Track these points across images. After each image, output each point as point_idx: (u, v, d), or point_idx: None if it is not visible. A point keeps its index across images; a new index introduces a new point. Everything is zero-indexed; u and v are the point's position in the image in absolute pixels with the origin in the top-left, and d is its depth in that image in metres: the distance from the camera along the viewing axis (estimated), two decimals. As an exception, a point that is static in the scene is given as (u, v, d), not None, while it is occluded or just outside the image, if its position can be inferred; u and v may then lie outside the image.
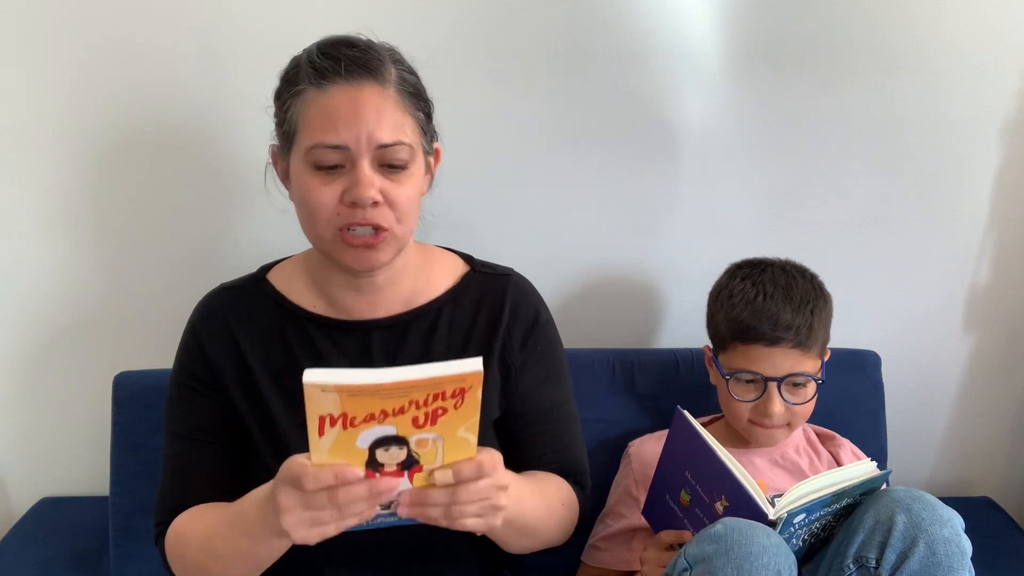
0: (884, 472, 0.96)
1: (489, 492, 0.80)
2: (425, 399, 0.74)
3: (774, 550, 0.85)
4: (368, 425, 0.75)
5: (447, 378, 0.73)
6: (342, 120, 0.89)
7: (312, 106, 0.91)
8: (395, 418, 0.74)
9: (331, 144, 0.89)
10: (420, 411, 0.75)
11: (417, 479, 0.79)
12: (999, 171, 1.41)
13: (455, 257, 1.10)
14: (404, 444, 0.77)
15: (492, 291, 1.07)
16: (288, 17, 1.26)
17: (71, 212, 1.35)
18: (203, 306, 1.05)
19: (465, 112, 1.29)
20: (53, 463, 1.48)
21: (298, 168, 0.93)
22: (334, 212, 0.92)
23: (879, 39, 1.33)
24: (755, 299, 1.13)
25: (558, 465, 1.05)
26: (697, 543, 0.89)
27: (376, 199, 0.90)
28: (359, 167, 0.90)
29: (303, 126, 0.92)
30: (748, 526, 0.87)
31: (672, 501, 1.04)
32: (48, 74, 1.28)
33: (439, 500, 0.79)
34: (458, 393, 0.75)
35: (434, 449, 0.78)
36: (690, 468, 1.00)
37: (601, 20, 1.30)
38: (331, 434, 0.75)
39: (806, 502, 0.91)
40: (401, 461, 0.78)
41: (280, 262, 1.08)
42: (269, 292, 1.04)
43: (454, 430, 0.77)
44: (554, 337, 1.10)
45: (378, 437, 0.76)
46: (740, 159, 1.39)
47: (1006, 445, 1.59)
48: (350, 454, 0.76)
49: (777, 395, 1.12)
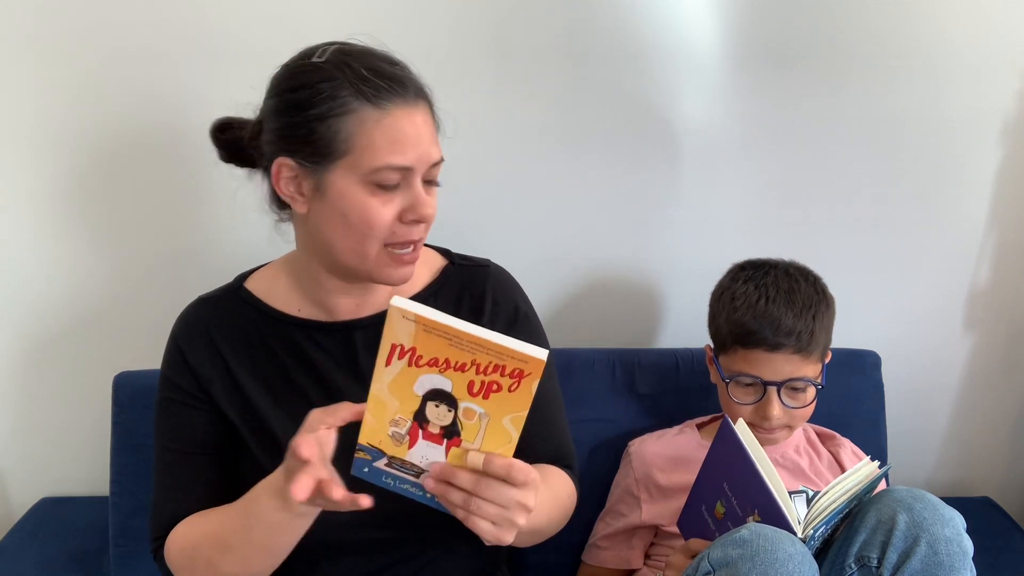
0: (885, 467, 0.96)
1: (510, 503, 0.80)
2: (487, 366, 0.78)
3: (799, 558, 0.85)
4: (431, 370, 0.79)
5: (514, 352, 0.77)
6: (409, 142, 0.91)
7: (375, 127, 0.90)
8: (455, 373, 0.78)
9: (399, 166, 0.90)
10: (478, 377, 0.78)
11: (452, 454, 0.81)
12: (999, 171, 1.41)
13: (432, 252, 1.11)
14: (453, 407, 0.80)
15: (472, 283, 1.07)
16: (287, 20, 1.26)
17: (71, 212, 1.35)
18: (183, 319, 1.05)
19: (465, 112, 1.28)
20: (53, 463, 1.48)
21: (350, 187, 0.91)
22: (389, 230, 0.93)
23: (879, 39, 1.33)
24: (757, 303, 1.13)
25: (550, 451, 1.05)
26: (721, 547, 0.88)
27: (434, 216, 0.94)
28: (414, 185, 0.92)
29: (364, 147, 0.90)
30: (774, 532, 0.87)
31: (707, 512, 1.03)
32: (48, 75, 1.28)
33: (464, 483, 0.80)
34: (516, 374, 0.78)
35: (477, 426, 0.80)
36: (728, 480, 0.99)
37: (601, 20, 1.30)
38: (396, 366, 0.79)
39: (827, 515, 0.91)
40: (446, 425, 0.81)
41: (257, 270, 1.08)
42: (248, 299, 1.04)
43: (501, 414, 0.80)
44: (535, 325, 1.10)
45: (434, 388, 0.79)
46: (740, 159, 1.39)
47: (1006, 445, 1.59)
48: (405, 395, 0.80)
49: (776, 399, 1.12)
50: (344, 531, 0.96)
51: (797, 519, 0.91)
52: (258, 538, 0.89)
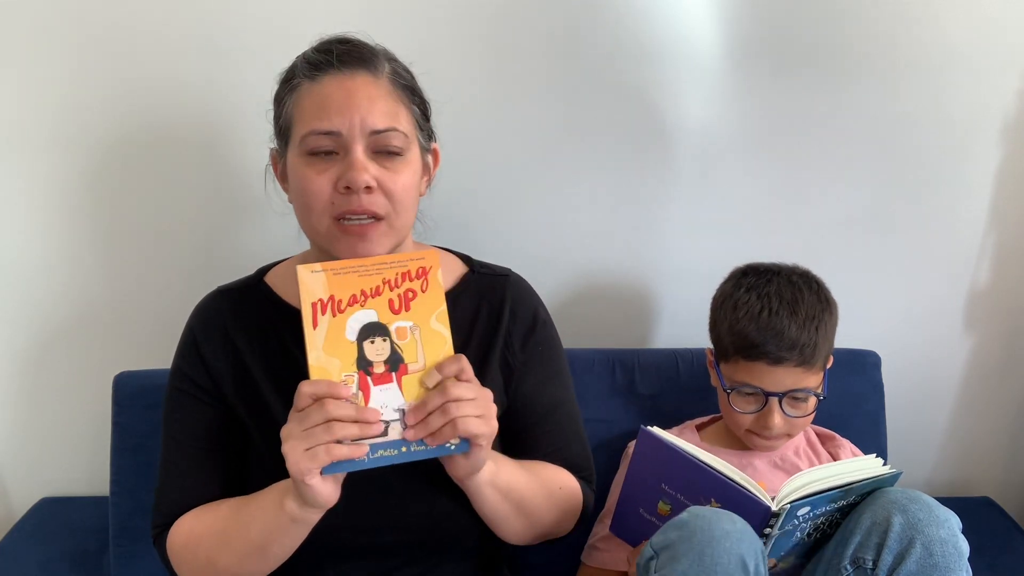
0: (895, 472, 0.96)
1: (478, 392, 0.86)
2: (395, 278, 0.87)
3: (737, 535, 0.86)
4: (352, 310, 0.86)
5: (408, 254, 0.89)
6: (334, 106, 0.90)
7: (306, 97, 0.92)
8: (374, 300, 0.87)
9: (323, 130, 0.90)
10: (394, 293, 0.87)
11: (408, 391, 0.86)
12: (999, 171, 1.41)
13: (454, 258, 1.10)
14: (386, 335, 0.86)
15: (491, 292, 1.07)
16: (289, 16, 1.26)
17: (71, 211, 1.35)
18: (200, 310, 1.05)
19: (464, 112, 1.29)
20: (53, 463, 1.48)
21: (294, 161, 0.94)
22: (328, 201, 0.91)
23: (880, 39, 1.33)
24: (760, 314, 1.11)
25: (563, 463, 1.06)
26: (663, 531, 0.90)
27: (369, 183, 0.90)
28: (352, 152, 0.91)
29: (297, 118, 0.93)
30: (712, 512, 0.88)
31: (647, 513, 1.02)
32: (48, 74, 1.28)
33: (435, 402, 0.84)
34: (421, 273, 0.88)
35: (413, 341, 0.87)
36: (666, 480, 0.98)
37: (601, 20, 1.30)
38: (323, 324, 0.85)
39: (807, 493, 0.90)
40: (387, 357, 0.86)
41: (278, 264, 1.08)
42: (266, 294, 1.04)
43: (427, 317, 0.87)
44: (553, 336, 1.11)
45: (363, 325, 0.86)
46: (740, 159, 1.39)
47: (1006, 445, 1.59)
48: (341, 349, 0.85)
49: (777, 409, 1.12)
50: (349, 535, 0.96)
51: (763, 492, 0.91)
52: (256, 535, 0.90)
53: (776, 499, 0.90)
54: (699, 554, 0.84)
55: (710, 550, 0.84)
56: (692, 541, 0.85)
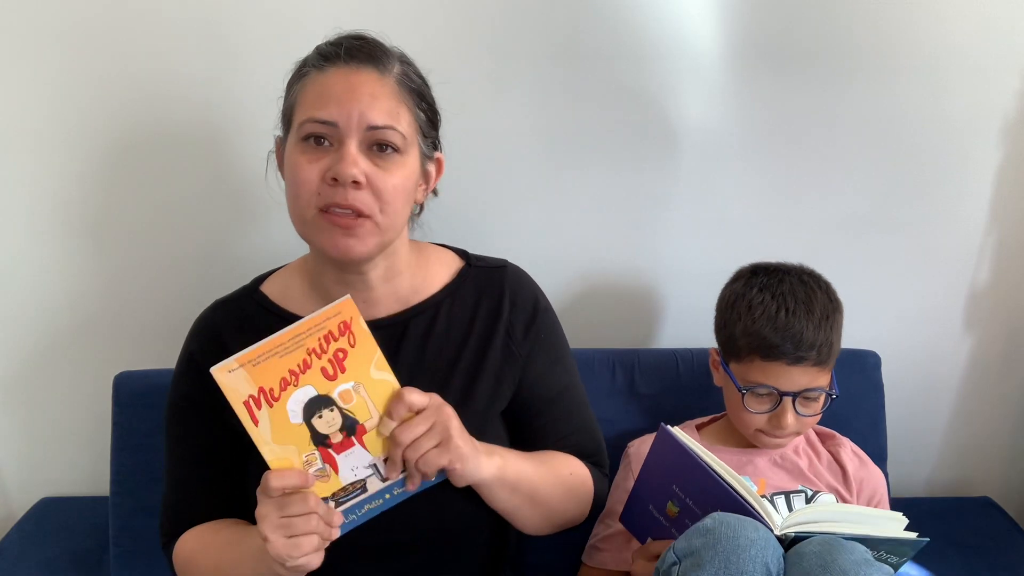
0: (922, 539, 0.90)
1: (432, 419, 0.86)
2: (319, 345, 0.81)
3: (762, 543, 0.85)
4: (287, 393, 0.81)
5: (325, 314, 0.81)
6: (335, 97, 0.91)
7: (311, 85, 0.93)
8: (305, 375, 0.81)
9: (321, 119, 0.90)
10: (323, 359, 0.81)
11: (372, 447, 0.85)
12: (999, 171, 1.41)
13: (450, 253, 1.10)
14: (332, 404, 0.82)
15: (489, 284, 1.07)
16: (291, 16, 1.26)
17: (71, 212, 1.35)
18: (197, 326, 1.05)
19: (464, 112, 1.28)
20: (53, 463, 1.48)
21: (290, 148, 0.94)
22: (315, 191, 0.91)
23: (880, 39, 1.33)
24: (777, 314, 1.11)
25: (574, 448, 1.07)
26: (686, 537, 0.89)
27: (358, 178, 0.90)
28: (345, 145, 0.90)
29: (299, 105, 0.93)
30: (736, 520, 0.87)
31: (656, 511, 1.02)
32: (48, 74, 1.28)
33: (396, 454, 0.86)
34: (344, 329, 0.81)
35: (361, 400, 0.83)
36: (678, 483, 0.98)
37: (601, 20, 1.30)
38: (264, 419, 0.81)
39: (818, 531, 0.89)
40: (340, 426, 0.83)
41: (274, 272, 1.08)
42: (263, 303, 1.04)
43: (365, 371, 0.83)
44: (554, 322, 1.11)
45: (305, 405, 0.82)
46: (740, 159, 1.39)
47: (1006, 445, 1.59)
48: (292, 435, 0.82)
49: (791, 409, 1.12)
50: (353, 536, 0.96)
51: (769, 515, 0.90)
52: (246, 572, 0.92)
53: (783, 524, 0.90)
54: (724, 562, 0.83)
55: (735, 558, 0.83)
56: (717, 548, 0.84)
